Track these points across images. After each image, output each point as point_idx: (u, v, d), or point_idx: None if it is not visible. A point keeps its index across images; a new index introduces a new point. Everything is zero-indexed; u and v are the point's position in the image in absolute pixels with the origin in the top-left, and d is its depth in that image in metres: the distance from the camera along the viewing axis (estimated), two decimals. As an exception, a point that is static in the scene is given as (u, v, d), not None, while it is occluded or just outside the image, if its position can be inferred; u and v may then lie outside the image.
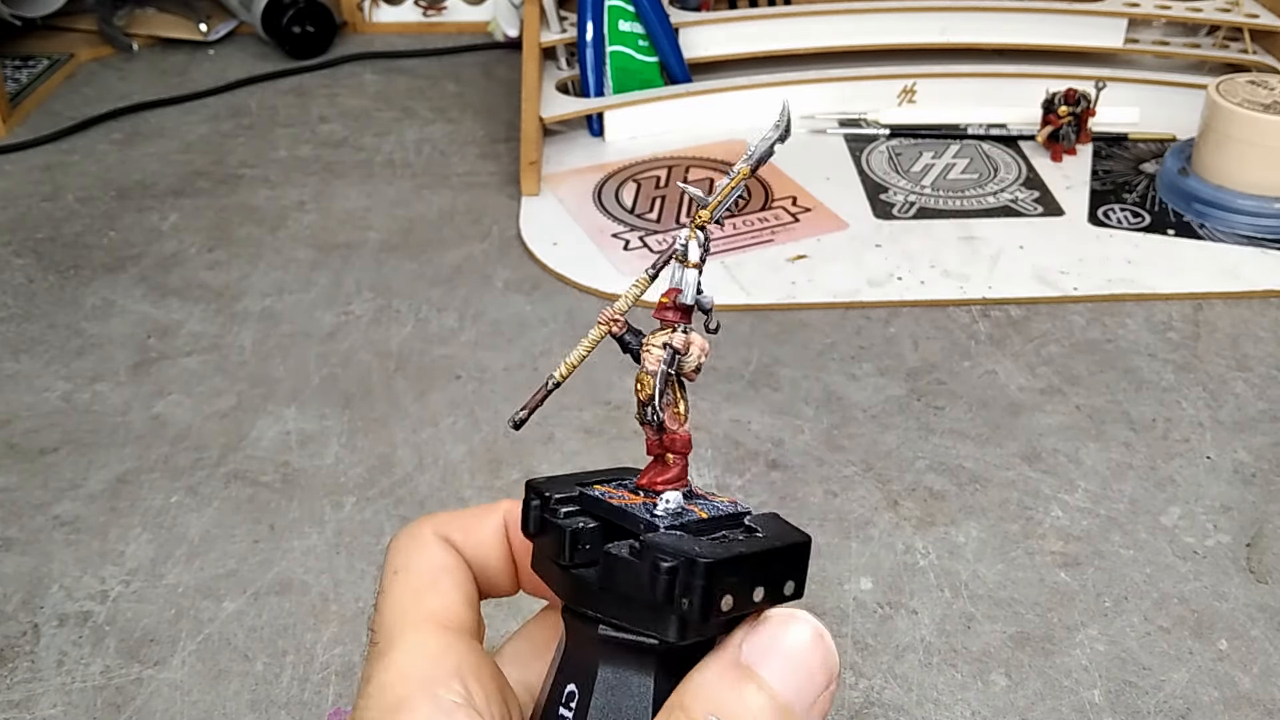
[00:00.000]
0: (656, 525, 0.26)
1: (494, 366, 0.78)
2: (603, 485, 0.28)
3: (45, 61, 1.30)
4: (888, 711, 0.54)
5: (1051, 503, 0.66)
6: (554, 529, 0.26)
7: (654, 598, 0.24)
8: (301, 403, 0.75)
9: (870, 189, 1.01)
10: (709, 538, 0.26)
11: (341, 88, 1.25)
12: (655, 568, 0.24)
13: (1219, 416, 0.73)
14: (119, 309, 0.86)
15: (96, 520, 0.66)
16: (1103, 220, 0.95)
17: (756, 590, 0.25)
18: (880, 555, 0.62)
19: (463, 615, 0.28)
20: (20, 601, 0.60)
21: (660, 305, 0.27)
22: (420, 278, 0.89)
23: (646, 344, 0.28)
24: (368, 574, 0.62)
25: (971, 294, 0.85)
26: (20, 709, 0.54)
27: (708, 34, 1.13)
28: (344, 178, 1.05)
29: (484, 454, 0.70)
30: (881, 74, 1.13)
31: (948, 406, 0.74)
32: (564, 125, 1.11)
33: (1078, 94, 1.04)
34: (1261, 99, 0.92)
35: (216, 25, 1.37)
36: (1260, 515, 0.65)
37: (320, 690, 0.55)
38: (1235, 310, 0.83)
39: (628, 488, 0.29)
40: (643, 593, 0.24)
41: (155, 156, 1.10)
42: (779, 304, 0.85)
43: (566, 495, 0.27)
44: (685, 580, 0.24)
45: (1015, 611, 0.59)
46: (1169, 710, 0.53)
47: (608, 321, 0.28)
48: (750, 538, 0.26)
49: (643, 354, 0.28)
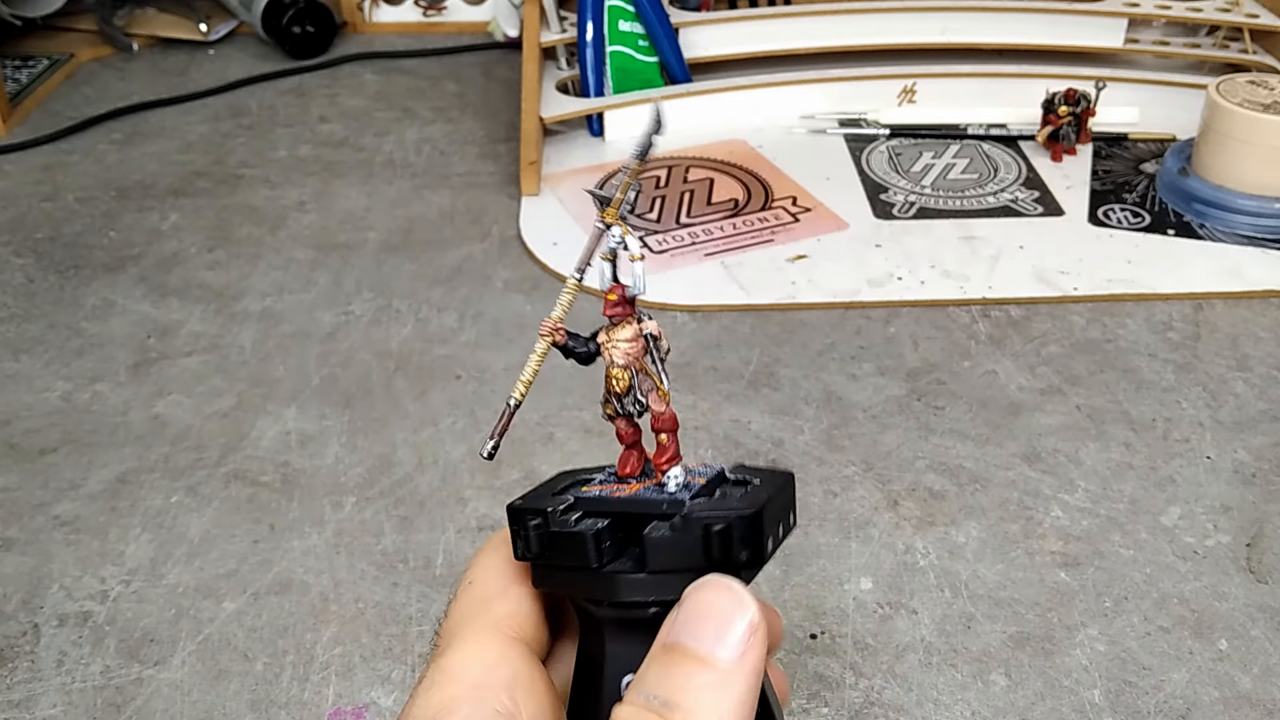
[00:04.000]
0: (681, 500, 0.27)
1: (494, 366, 0.78)
2: (586, 487, 0.29)
3: (45, 61, 1.30)
4: (888, 711, 0.54)
5: (1051, 503, 0.66)
6: (568, 538, 0.26)
7: (710, 560, 0.25)
8: (301, 403, 0.75)
9: (870, 189, 1.01)
10: (720, 496, 0.27)
11: (341, 88, 1.25)
12: (707, 533, 0.25)
13: (1219, 416, 0.73)
14: (119, 309, 0.86)
15: (96, 520, 0.66)
16: (1103, 220, 0.95)
17: (780, 526, 0.27)
18: (880, 555, 0.62)
19: (527, 626, 0.28)
20: (20, 601, 0.60)
21: (610, 302, 0.28)
22: (420, 278, 0.89)
23: (609, 341, 0.29)
24: (368, 574, 0.62)
25: (971, 294, 0.85)
26: (20, 709, 0.54)
27: (708, 34, 1.13)
28: (344, 178, 1.05)
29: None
30: (881, 74, 1.13)
31: (948, 406, 0.74)
32: (564, 125, 1.11)
33: (1078, 94, 1.04)
34: (1261, 99, 0.92)
35: (216, 25, 1.37)
36: (1260, 515, 0.65)
37: (320, 690, 0.55)
38: (1235, 310, 0.83)
39: (613, 481, 0.29)
40: (695, 560, 0.25)
41: (155, 156, 1.10)
42: (779, 304, 0.85)
43: (567, 505, 0.27)
44: (741, 534, 0.25)
45: (1015, 611, 0.59)
46: (1169, 710, 0.53)
47: (551, 332, 0.28)
48: (753, 486, 0.28)
49: (607, 351, 0.29)
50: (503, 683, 0.26)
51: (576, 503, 0.27)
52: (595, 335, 0.29)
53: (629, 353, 0.29)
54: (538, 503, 0.27)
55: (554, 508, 0.27)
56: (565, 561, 0.27)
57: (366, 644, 0.57)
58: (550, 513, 0.27)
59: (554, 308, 0.28)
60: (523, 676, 0.26)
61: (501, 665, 0.26)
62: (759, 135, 1.10)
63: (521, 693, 0.26)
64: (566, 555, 0.26)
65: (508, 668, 0.26)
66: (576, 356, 0.29)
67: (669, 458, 0.29)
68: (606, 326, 0.29)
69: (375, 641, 0.57)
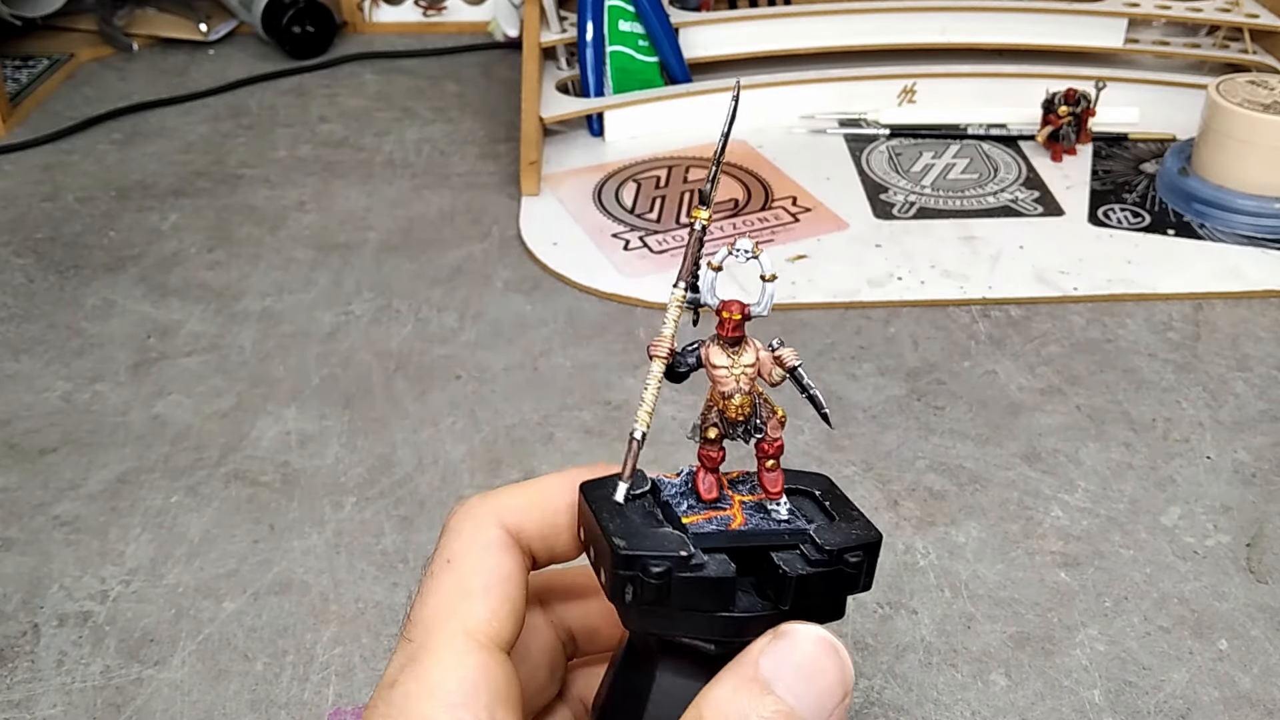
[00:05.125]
0: (803, 530, 0.27)
1: (494, 366, 0.78)
2: (686, 518, 0.27)
3: (45, 61, 1.30)
4: (888, 711, 0.54)
5: (1051, 503, 0.66)
6: (706, 585, 0.25)
7: (845, 592, 0.26)
8: (301, 403, 0.75)
9: (870, 189, 1.01)
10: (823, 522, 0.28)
11: (341, 88, 1.25)
12: (845, 566, 0.26)
13: (1219, 416, 0.73)
14: (119, 309, 0.86)
15: (96, 520, 0.66)
16: (1103, 220, 0.95)
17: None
18: (880, 555, 0.62)
19: (505, 630, 0.27)
20: (20, 601, 0.60)
21: (734, 323, 0.26)
22: (420, 278, 0.89)
23: (734, 366, 0.27)
24: (367, 574, 0.62)
25: (971, 294, 0.85)
26: (20, 709, 0.54)
27: (708, 34, 1.13)
28: (344, 178, 1.05)
29: (484, 454, 0.70)
30: (881, 74, 1.13)
31: (948, 406, 0.74)
32: (564, 125, 1.11)
33: (1078, 94, 1.04)
34: (1261, 99, 0.92)
35: (216, 25, 1.37)
36: (1260, 515, 0.65)
37: (320, 690, 0.55)
38: (1235, 310, 0.83)
39: (700, 509, 0.27)
40: (835, 594, 0.26)
41: (155, 156, 1.10)
42: (779, 304, 0.84)
43: (689, 551, 0.25)
44: (869, 564, 0.26)
45: (1015, 611, 0.59)
46: (1169, 710, 0.53)
47: (667, 355, 0.26)
48: (830, 501, 0.28)
49: (726, 378, 0.27)
50: (483, 704, 0.25)
51: (694, 539, 0.25)
52: (695, 350, 0.27)
53: (753, 378, 0.27)
54: (645, 545, 0.25)
55: (680, 552, 0.25)
56: (688, 606, 0.25)
57: (366, 644, 0.57)
58: (683, 558, 0.25)
59: (663, 325, 0.26)
60: (500, 692, 0.26)
61: (481, 683, 0.25)
62: (759, 135, 1.10)
63: (499, 708, 0.25)
64: (695, 601, 0.25)
65: (487, 687, 0.25)
66: (677, 375, 0.27)
67: (781, 486, 0.28)
68: (716, 345, 0.27)
69: (375, 641, 0.57)
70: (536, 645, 0.31)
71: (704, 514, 0.27)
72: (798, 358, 0.27)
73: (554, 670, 0.32)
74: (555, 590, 0.32)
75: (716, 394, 0.27)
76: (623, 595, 0.25)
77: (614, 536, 0.25)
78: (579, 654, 0.33)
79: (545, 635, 0.32)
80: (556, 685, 0.32)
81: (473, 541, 0.28)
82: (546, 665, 0.32)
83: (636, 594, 0.24)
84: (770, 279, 0.27)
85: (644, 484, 0.28)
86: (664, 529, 0.26)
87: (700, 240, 0.27)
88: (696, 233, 0.27)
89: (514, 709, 0.26)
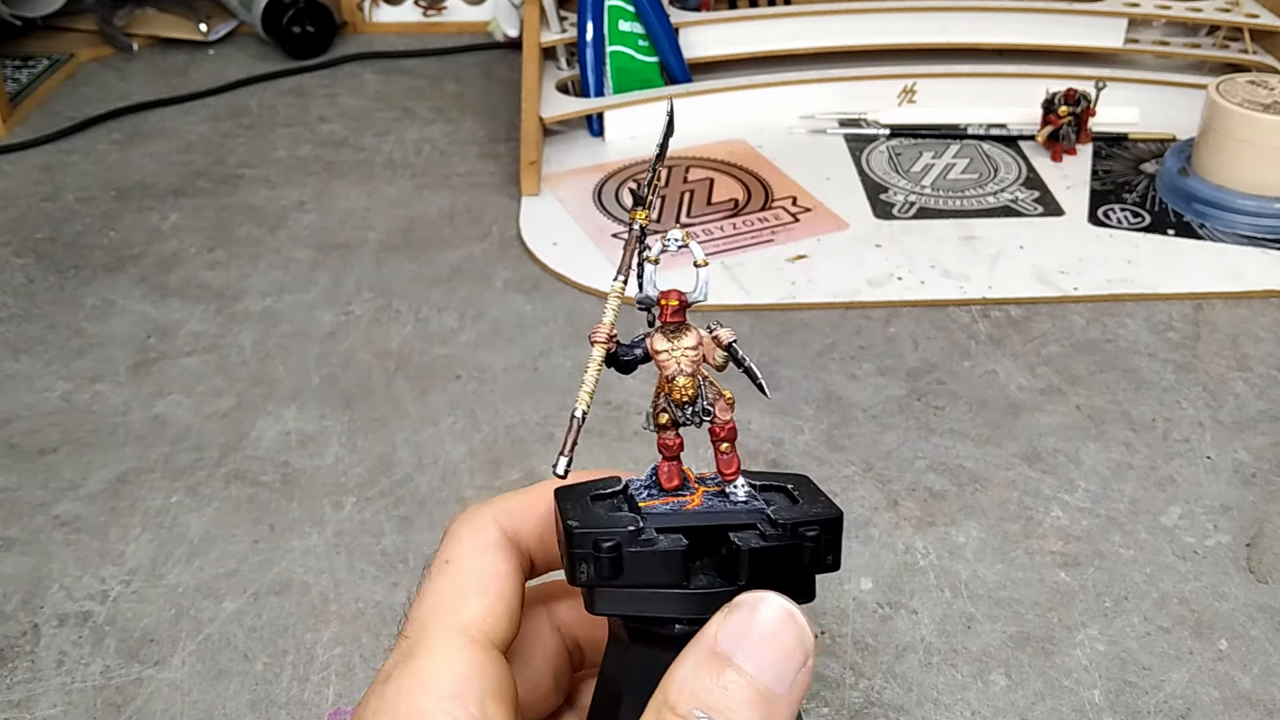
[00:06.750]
0: (760, 509, 0.27)
1: (494, 366, 0.78)
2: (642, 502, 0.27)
3: (45, 61, 1.30)
4: (888, 711, 0.54)
5: (1051, 503, 0.66)
6: (656, 558, 0.25)
7: (806, 566, 0.26)
8: (301, 403, 0.75)
9: (870, 189, 1.01)
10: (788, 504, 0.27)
11: (341, 88, 1.25)
12: (803, 540, 0.26)
13: (1219, 416, 0.73)
14: (119, 309, 0.86)
15: (96, 520, 0.66)
16: (1103, 220, 0.95)
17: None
18: (880, 555, 0.62)
19: (500, 628, 0.27)
20: (20, 601, 0.60)
21: (671, 309, 0.28)
22: (420, 278, 0.89)
23: (674, 349, 0.27)
24: (368, 574, 0.62)
25: (971, 294, 0.85)
26: (20, 709, 0.54)
27: (708, 34, 1.13)
28: (344, 178, 1.05)
29: (484, 454, 0.70)
30: (881, 74, 1.13)
31: (948, 406, 0.74)
32: (564, 125, 1.11)
33: (1078, 94, 1.04)
34: (1261, 99, 0.92)
35: (216, 25, 1.37)
36: (1260, 515, 0.65)
37: (320, 690, 0.55)
38: (1235, 310, 0.83)
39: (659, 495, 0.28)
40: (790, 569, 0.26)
41: (155, 156, 1.10)
42: (779, 304, 0.85)
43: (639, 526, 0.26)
44: (829, 539, 0.26)
45: (1015, 611, 0.59)
46: (1169, 710, 0.53)
47: (606, 341, 0.27)
48: (800, 491, 0.28)
49: (673, 360, 0.28)
50: (475, 699, 0.25)
51: (648, 520, 0.26)
52: (641, 342, 0.28)
53: (696, 360, 0.27)
54: (598, 524, 0.26)
55: (628, 527, 0.25)
56: (643, 583, 0.25)
57: (366, 644, 0.57)
58: (631, 532, 0.25)
59: (602, 314, 0.27)
60: (493, 689, 0.26)
61: (474, 679, 0.26)
62: (759, 135, 1.10)
63: (492, 704, 0.25)
64: (648, 577, 0.25)
65: (480, 683, 0.26)
66: (623, 365, 0.28)
67: (736, 468, 0.28)
68: (659, 333, 0.28)
69: (375, 641, 0.57)
70: (541, 652, 0.32)
71: (663, 499, 0.27)
72: (733, 335, 0.28)
73: (558, 678, 0.32)
74: (562, 599, 0.33)
75: (662, 379, 0.28)
76: (578, 574, 0.25)
77: (568, 519, 0.26)
78: (586, 665, 0.33)
79: (550, 643, 0.32)
80: (562, 694, 0.33)
81: (471, 543, 0.28)
82: (550, 672, 0.32)
83: (590, 572, 0.25)
84: (703, 264, 0.28)
85: (616, 484, 0.28)
86: (620, 513, 0.27)
87: (640, 240, 0.28)
88: (635, 232, 0.28)
89: (507, 704, 0.26)
